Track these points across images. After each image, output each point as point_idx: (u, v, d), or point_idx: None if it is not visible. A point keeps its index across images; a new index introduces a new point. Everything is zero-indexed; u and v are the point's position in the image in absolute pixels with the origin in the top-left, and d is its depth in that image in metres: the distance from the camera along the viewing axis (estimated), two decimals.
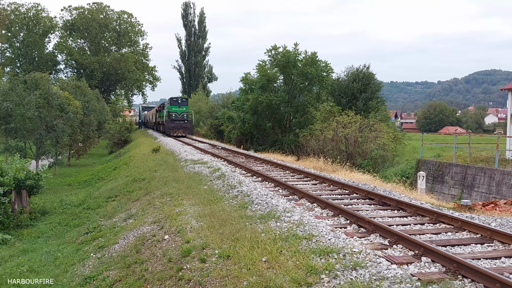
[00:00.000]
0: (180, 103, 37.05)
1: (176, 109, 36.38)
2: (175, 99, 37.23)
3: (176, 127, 36.16)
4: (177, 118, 36.33)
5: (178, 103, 36.89)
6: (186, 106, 37.45)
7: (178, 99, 37.44)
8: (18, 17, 60.14)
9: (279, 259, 5.23)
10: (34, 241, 12.06)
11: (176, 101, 37.00)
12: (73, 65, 64.52)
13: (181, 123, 36.42)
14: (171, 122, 36.07)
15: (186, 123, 36.79)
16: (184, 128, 36.53)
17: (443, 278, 4.46)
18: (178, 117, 36.40)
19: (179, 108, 36.52)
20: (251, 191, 9.38)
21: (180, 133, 36.05)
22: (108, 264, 7.77)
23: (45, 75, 28.05)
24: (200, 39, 73.15)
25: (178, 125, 36.31)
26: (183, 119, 36.56)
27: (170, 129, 35.99)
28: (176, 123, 36.25)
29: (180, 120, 36.34)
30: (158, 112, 46.66)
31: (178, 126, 36.28)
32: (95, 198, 16.70)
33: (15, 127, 24.31)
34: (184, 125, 36.61)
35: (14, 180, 14.02)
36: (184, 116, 36.87)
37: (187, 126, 36.93)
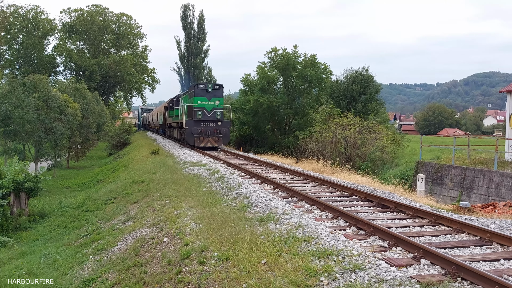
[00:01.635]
0: (211, 93, 22.73)
1: (204, 103, 22.55)
2: (203, 86, 22.95)
3: (203, 132, 22.28)
4: (206, 117, 22.45)
5: (207, 93, 22.59)
6: (220, 98, 23.12)
7: (208, 86, 22.89)
8: (17, 19, 60.11)
9: (278, 262, 5.23)
10: (33, 243, 12.03)
11: (203, 90, 22.72)
12: (72, 67, 64.43)
13: (212, 127, 22.50)
14: (196, 124, 22.25)
15: (220, 126, 22.67)
16: (217, 135, 22.59)
17: (442, 281, 4.46)
18: (208, 116, 22.49)
19: (208, 101, 22.55)
20: (250, 193, 9.38)
21: (210, 143, 22.47)
22: (107, 266, 7.75)
23: (44, 77, 28.02)
24: (200, 41, 73.12)
25: (207, 129, 22.37)
26: (215, 120, 22.60)
27: (194, 135, 22.16)
28: (205, 127, 22.40)
29: (210, 122, 22.50)
30: (167, 110, 33.03)
31: (208, 132, 22.32)
32: (94, 200, 16.67)
33: (14, 130, 24.27)
34: (217, 129, 22.56)
35: (13, 182, 14.00)
36: (217, 115, 22.67)
37: (222, 131, 22.64)
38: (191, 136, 22.23)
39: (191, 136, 22.21)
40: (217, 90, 22.97)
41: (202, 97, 22.42)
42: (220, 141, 22.69)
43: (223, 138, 22.78)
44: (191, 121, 22.30)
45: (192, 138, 22.21)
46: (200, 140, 22.22)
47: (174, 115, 29.40)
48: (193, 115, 22.28)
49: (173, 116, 30.02)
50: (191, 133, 22.16)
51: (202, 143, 22.21)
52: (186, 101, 24.46)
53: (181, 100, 26.06)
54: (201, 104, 22.41)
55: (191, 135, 22.21)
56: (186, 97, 24.72)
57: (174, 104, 29.82)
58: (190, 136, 22.23)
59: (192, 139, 22.21)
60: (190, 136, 22.29)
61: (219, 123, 22.65)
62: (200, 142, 22.21)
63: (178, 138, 28.58)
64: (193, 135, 22.14)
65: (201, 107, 22.37)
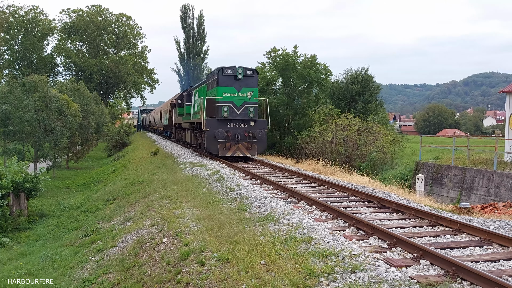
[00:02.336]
0: (242, 81, 16.80)
1: (231, 95, 16.68)
2: (230, 71, 16.72)
3: (231, 137, 16.54)
4: (234, 116, 16.73)
5: (236, 81, 16.72)
6: (254, 88, 17.08)
7: (238, 71, 16.66)
8: (16, 19, 60.11)
9: (278, 262, 5.22)
10: (32, 244, 12.03)
11: (231, 76, 16.71)
12: (72, 67, 64.45)
13: (242, 128, 16.81)
14: (220, 125, 16.52)
15: (253, 127, 16.98)
16: (249, 140, 16.79)
17: (442, 281, 4.46)
18: (237, 114, 16.73)
19: (238, 92, 16.73)
20: (250, 193, 9.37)
21: (240, 151, 16.74)
22: (106, 267, 7.75)
23: (43, 77, 28.02)
24: (199, 42, 73.15)
25: (236, 132, 16.65)
26: (247, 119, 16.86)
27: (218, 141, 16.35)
28: (232, 128, 16.70)
29: (241, 121, 16.83)
30: (175, 107, 27.08)
31: (237, 135, 16.58)
32: (94, 201, 16.67)
33: (13, 130, 24.28)
34: (249, 131, 16.82)
35: (12, 183, 14.00)
36: (250, 112, 16.89)
37: (256, 134, 16.85)
38: (213, 142, 16.18)
39: (214, 141, 16.16)
40: (250, 77, 16.71)
41: (229, 86, 16.41)
42: (254, 148, 16.62)
43: (257, 144, 16.71)
44: (214, 120, 16.38)
45: (215, 144, 16.18)
46: (227, 147, 16.22)
47: (184, 114, 23.75)
48: (216, 112, 16.43)
49: (183, 114, 24.39)
50: (214, 137, 16.12)
51: (229, 151, 16.31)
52: (203, 93, 18.63)
53: (195, 94, 20.94)
54: (227, 97, 16.42)
55: (213, 141, 16.16)
56: (204, 88, 18.66)
57: (184, 99, 24.12)
58: (212, 141, 16.18)
59: (215, 145, 16.20)
60: (212, 142, 16.20)
61: (252, 123, 16.72)
62: (226, 150, 16.26)
63: (192, 143, 21.76)
64: (217, 140, 16.10)
65: (227, 101, 16.39)
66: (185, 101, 23.89)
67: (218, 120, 16.50)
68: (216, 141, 16.29)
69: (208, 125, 16.49)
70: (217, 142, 16.31)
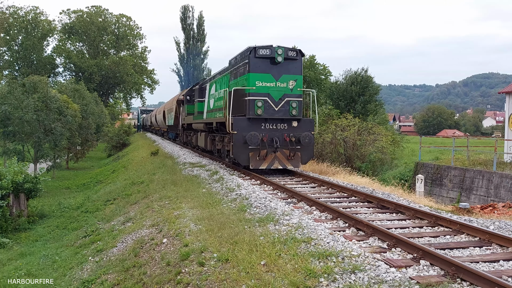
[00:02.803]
0: (282, 66, 12.53)
1: (267, 84, 12.50)
2: (266, 52, 12.31)
3: (267, 142, 12.36)
4: (271, 113, 12.54)
5: (274, 65, 12.46)
6: (298, 75, 12.76)
7: (277, 52, 12.28)
8: (16, 20, 60.14)
9: (277, 263, 5.23)
10: (32, 244, 12.03)
11: (267, 59, 12.42)
12: (72, 68, 64.48)
13: (282, 130, 12.71)
14: (252, 125, 12.41)
15: (297, 128, 12.80)
16: (291, 147, 12.57)
17: (441, 281, 4.46)
18: (274, 111, 12.57)
19: (276, 81, 12.53)
20: (250, 194, 9.38)
21: (278, 161, 12.58)
22: (106, 267, 7.75)
23: (43, 78, 28.04)
24: (199, 42, 73.16)
25: (273, 135, 12.52)
26: (288, 117, 12.72)
27: (250, 147, 12.27)
28: (269, 130, 12.59)
29: (279, 121, 12.73)
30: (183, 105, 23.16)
31: (275, 140, 12.39)
32: (94, 201, 16.68)
33: (13, 130, 24.29)
34: (292, 134, 12.62)
35: (12, 183, 14.01)
36: (293, 107, 12.69)
37: (303, 139, 12.56)
38: (242, 149, 12.18)
39: (243, 148, 12.16)
40: (293, 60, 12.41)
41: (265, 73, 12.24)
42: (297, 157, 12.50)
43: (302, 152, 12.61)
44: (243, 120, 12.25)
45: (244, 152, 12.17)
46: (261, 156, 12.18)
47: (196, 112, 19.57)
48: (247, 109, 12.26)
49: (193, 113, 20.28)
50: (244, 142, 12.05)
51: (264, 161, 12.25)
52: (223, 84, 14.61)
53: (210, 87, 16.92)
54: (262, 88, 12.24)
55: (242, 147, 12.16)
56: (225, 77, 14.48)
57: (196, 94, 20.05)
58: (241, 148, 12.18)
59: (244, 154, 12.18)
60: (241, 149, 12.19)
61: (294, 123, 12.59)
62: (260, 160, 12.23)
63: (207, 149, 17.34)
64: (248, 146, 12.10)
65: (262, 94, 12.23)
66: (196, 96, 19.79)
67: (250, 120, 12.20)
68: (247, 148, 12.09)
69: (235, 126, 12.17)
70: (248, 150, 12.14)
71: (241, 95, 12.65)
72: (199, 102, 19.30)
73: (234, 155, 12.46)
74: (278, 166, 12.53)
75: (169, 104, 32.21)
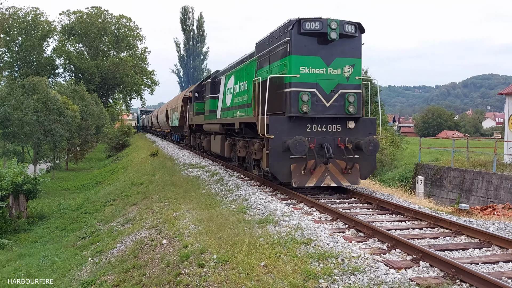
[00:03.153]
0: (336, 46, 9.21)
1: (316, 71, 9.12)
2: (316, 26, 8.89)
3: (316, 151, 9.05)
4: (321, 109, 9.20)
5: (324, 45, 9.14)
6: (356, 58, 9.40)
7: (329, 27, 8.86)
8: (16, 21, 60.14)
9: (277, 264, 5.22)
10: (32, 245, 12.03)
11: (315, 36, 9.05)
12: (72, 69, 64.48)
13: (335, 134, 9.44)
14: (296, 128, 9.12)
15: (354, 131, 9.57)
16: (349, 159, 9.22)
17: (441, 283, 4.46)
18: (325, 107, 9.23)
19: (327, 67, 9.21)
20: (250, 195, 9.37)
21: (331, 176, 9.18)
22: (105, 269, 7.74)
23: (43, 79, 28.07)
24: (199, 43, 73.38)
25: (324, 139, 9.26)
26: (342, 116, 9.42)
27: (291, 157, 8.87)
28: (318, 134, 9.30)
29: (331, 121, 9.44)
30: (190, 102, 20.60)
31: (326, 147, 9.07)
32: (93, 202, 16.67)
33: (13, 131, 24.28)
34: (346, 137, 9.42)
35: (11, 184, 14.00)
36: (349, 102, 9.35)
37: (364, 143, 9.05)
38: (282, 161, 9.13)
39: (283, 160, 9.12)
40: (350, 38, 9.40)
41: (312, 56, 9.20)
42: (356, 171, 9.47)
43: (361, 164, 9.57)
44: (282, 120, 9.27)
45: (285, 165, 9.14)
46: (308, 169, 9.09)
47: (207, 111, 16.63)
48: (287, 104, 9.25)
49: (204, 112, 17.49)
50: (285, 150, 8.97)
51: (313, 177, 9.18)
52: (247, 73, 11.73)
53: (226, 79, 14.05)
54: (308, 75, 9.19)
55: (282, 158, 9.12)
56: (251, 64, 11.39)
57: (206, 89, 17.10)
58: (281, 159, 9.13)
59: (285, 167, 9.14)
60: (280, 161, 9.14)
61: (350, 123, 9.64)
62: (307, 175, 9.14)
63: (225, 156, 13.90)
64: (289, 156, 9.00)
65: (308, 84, 9.20)
66: (208, 92, 16.80)
67: (291, 120, 9.10)
68: (287, 158, 8.93)
69: (273, 128, 9.01)
70: (289, 161, 8.96)
71: (277, 86, 9.43)
72: (211, 99, 16.32)
73: (270, 167, 9.02)
74: (330, 183, 9.16)
75: (173, 102, 29.23)
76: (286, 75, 9.21)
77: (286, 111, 9.26)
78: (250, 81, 11.21)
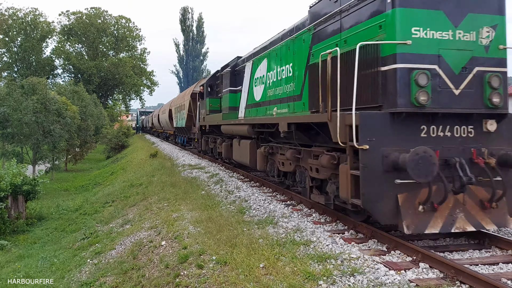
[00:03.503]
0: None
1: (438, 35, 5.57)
2: None
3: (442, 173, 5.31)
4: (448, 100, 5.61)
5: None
6: (497, 16, 5.76)
7: None
8: (15, 21, 60.09)
9: (276, 265, 5.21)
10: (31, 246, 12.00)
11: None
12: (71, 70, 64.44)
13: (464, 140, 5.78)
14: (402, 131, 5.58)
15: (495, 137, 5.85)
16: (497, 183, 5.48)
17: (441, 284, 4.45)
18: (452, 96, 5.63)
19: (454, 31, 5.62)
20: (249, 196, 9.36)
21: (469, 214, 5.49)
22: (105, 270, 7.72)
23: (42, 80, 28.04)
24: (198, 44, 73.43)
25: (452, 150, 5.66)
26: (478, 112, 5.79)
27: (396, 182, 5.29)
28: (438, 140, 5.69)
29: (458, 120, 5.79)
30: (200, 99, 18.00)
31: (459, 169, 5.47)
32: (92, 203, 16.65)
33: (12, 132, 24.27)
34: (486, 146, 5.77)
35: (10, 185, 13.98)
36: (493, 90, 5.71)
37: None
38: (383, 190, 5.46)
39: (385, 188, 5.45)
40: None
41: (430, 9, 5.67)
42: (503, 205, 5.73)
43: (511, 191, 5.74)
44: (381, 117, 5.66)
45: (388, 196, 5.45)
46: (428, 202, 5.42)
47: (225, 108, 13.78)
48: (388, 91, 5.71)
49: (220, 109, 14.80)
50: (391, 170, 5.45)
51: (438, 217, 5.49)
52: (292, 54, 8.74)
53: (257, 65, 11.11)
54: (425, 43, 5.65)
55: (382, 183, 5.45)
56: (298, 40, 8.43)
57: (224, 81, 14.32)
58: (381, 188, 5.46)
59: (389, 200, 5.45)
60: (379, 190, 5.45)
61: (490, 124, 5.98)
62: (427, 212, 5.46)
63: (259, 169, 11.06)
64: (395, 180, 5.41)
65: (426, 56, 5.64)
66: (226, 85, 13.84)
67: (397, 117, 5.73)
68: (392, 184, 5.49)
69: (366, 131, 5.62)
70: (396, 188, 5.49)
71: (365, 63, 6.03)
72: (230, 93, 13.30)
73: (365, 200, 5.54)
74: (465, 226, 5.62)
75: (179, 100, 26.07)
76: (385, 42, 5.71)
77: (385, 103, 5.71)
78: (299, 62, 8.14)
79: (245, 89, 11.96)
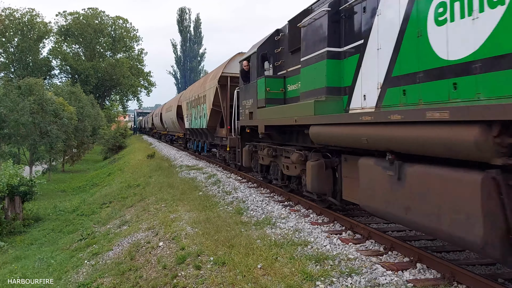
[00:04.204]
0: None
1: None
2: None
3: None
4: None
5: None
6: None
7: None
8: (12, 22, 59.94)
9: (274, 266, 5.21)
10: (27, 248, 11.97)
11: None
12: (68, 70, 64.34)
13: None
14: None
15: None
16: None
17: (438, 285, 4.46)
18: None
19: None
20: (247, 197, 9.37)
21: None
22: (102, 271, 7.70)
23: (39, 80, 27.96)
24: (196, 45, 73.41)
25: None
26: None
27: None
28: None
29: None
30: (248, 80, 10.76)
31: None
32: (89, 204, 16.61)
33: (8, 133, 24.21)
34: None
35: (7, 186, 13.95)
36: None
37: None
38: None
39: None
40: None
41: None
42: None
43: None
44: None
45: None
46: None
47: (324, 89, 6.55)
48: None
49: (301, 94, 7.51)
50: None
51: None
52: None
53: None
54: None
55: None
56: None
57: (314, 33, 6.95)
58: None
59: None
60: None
61: None
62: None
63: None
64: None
65: None
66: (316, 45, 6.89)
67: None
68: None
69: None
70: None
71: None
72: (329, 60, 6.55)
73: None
74: None
75: (195, 90, 19.47)
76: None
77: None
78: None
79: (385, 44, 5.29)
